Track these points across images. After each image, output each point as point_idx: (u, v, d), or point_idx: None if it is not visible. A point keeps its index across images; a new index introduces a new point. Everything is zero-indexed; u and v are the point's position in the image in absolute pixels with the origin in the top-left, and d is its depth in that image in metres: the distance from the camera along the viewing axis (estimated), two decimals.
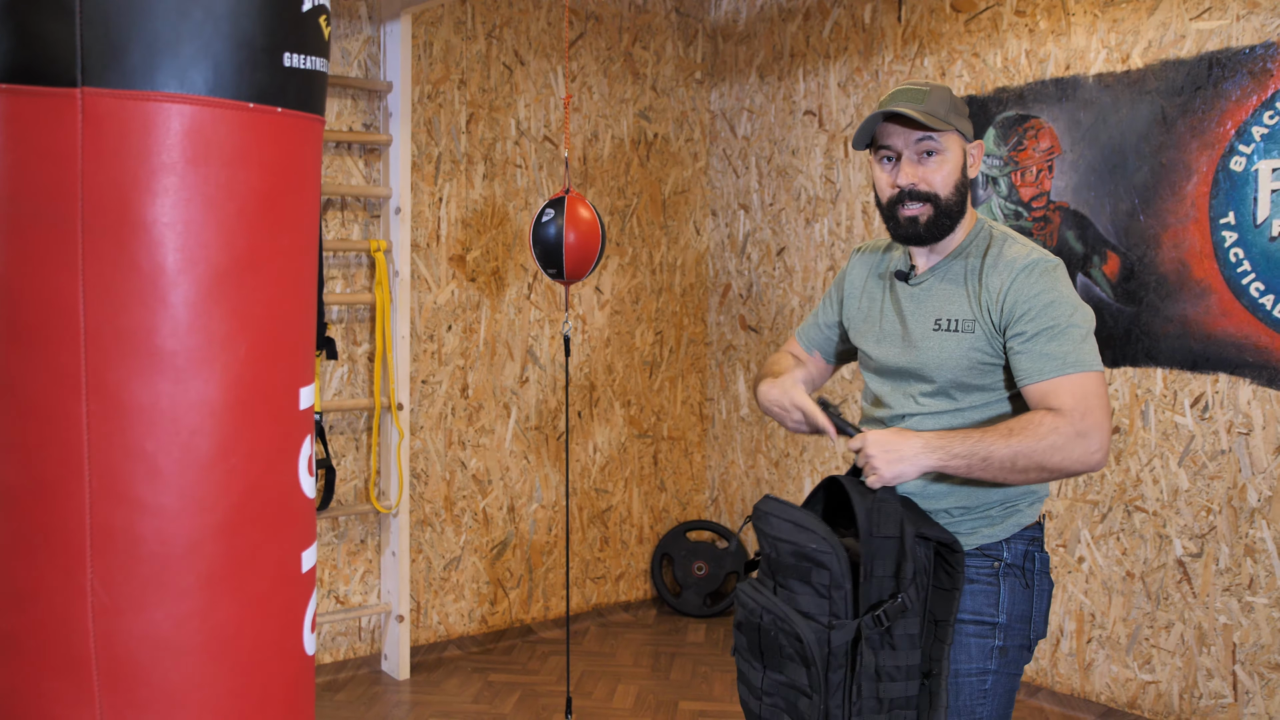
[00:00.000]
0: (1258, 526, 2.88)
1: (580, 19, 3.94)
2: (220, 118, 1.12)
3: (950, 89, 1.71)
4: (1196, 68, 2.95)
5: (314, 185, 1.26)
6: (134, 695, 1.12)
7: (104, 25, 1.06)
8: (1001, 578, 1.64)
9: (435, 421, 3.67)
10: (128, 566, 1.12)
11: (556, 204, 2.81)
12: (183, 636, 1.14)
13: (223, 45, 1.10)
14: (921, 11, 3.59)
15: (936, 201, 1.64)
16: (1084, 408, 1.52)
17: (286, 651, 1.25)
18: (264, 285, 1.18)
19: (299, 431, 1.25)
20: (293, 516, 1.24)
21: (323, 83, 1.24)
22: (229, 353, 1.15)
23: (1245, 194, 2.87)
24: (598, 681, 3.51)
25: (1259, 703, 2.88)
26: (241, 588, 1.18)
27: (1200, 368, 2.97)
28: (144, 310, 1.10)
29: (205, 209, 1.12)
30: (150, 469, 1.11)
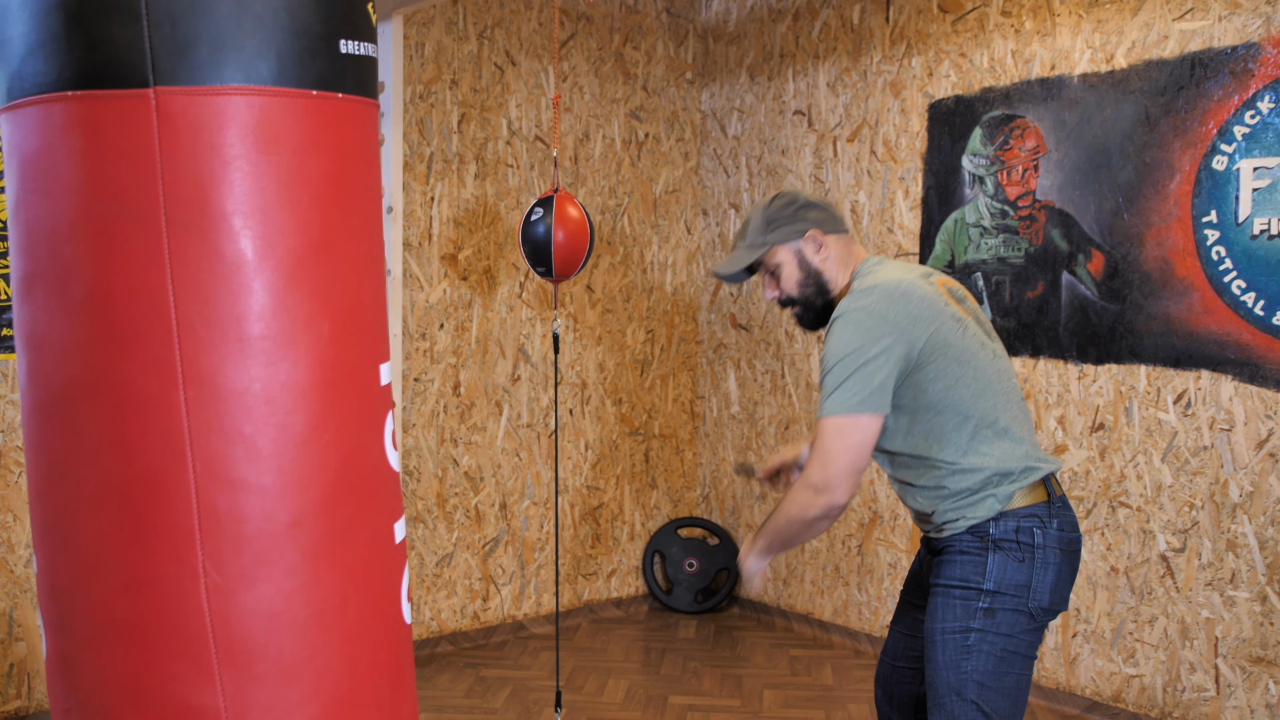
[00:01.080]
0: (1239, 521, 2.91)
1: (571, 19, 3.97)
2: (286, 106, 1.15)
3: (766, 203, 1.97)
4: (1179, 68, 2.98)
5: (375, 166, 1.30)
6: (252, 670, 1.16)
7: (170, 26, 1.10)
8: (990, 550, 1.83)
9: (428, 419, 3.70)
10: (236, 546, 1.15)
11: (545, 203, 2.84)
12: (292, 610, 1.17)
13: (283, 36, 1.14)
14: (909, 12, 3.62)
15: (793, 301, 1.96)
16: (817, 453, 1.78)
17: (388, 620, 1.28)
18: (339, 266, 1.21)
19: (382, 406, 1.28)
20: (384, 489, 1.28)
21: (374, 67, 1.28)
22: (312, 333, 1.18)
23: (1227, 193, 2.90)
24: (588, 676, 3.54)
25: (1240, 696, 2.92)
26: (343, 560, 1.21)
27: (1183, 364, 3.01)
28: (230, 298, 1.14)
29: (279, 196, 1.15)
30: (250, 450, 1.15)
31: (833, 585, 3.93)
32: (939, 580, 1.87)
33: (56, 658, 1.24)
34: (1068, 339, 3.25)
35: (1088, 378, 3.21)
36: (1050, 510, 1.84)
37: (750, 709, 3.28)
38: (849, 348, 1.77)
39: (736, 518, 4.31)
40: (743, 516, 4.28)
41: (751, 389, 4.22)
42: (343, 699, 1.22)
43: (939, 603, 1.85)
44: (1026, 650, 1.82)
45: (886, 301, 1.79)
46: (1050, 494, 1.86)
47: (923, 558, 2.05)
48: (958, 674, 1.80)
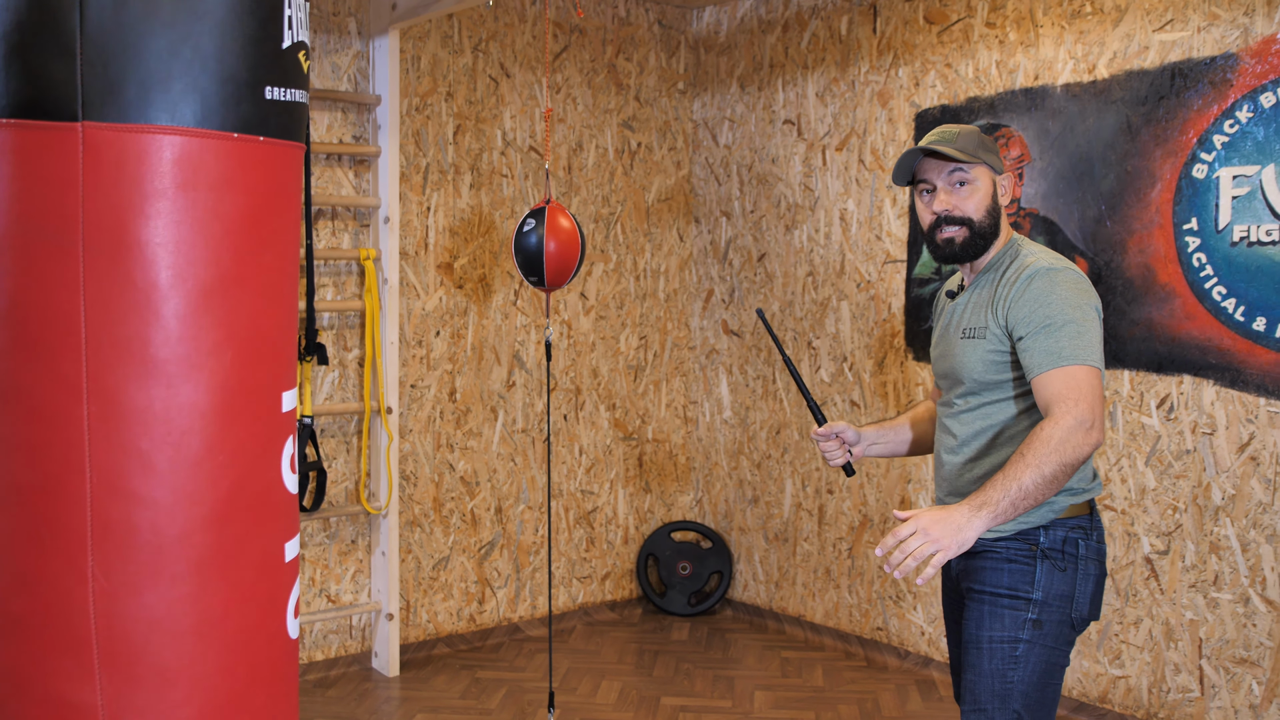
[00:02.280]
0: (1222, 524, 2.96)
1: (564, 32, 4.03)
2: (207, 147, 1.22)
3: (976, 130, 1.95)
4: (1160, 78, 3.04)
5: (295, 205, 1.36)
6: (131, 672, 1.22)
7: (102, 65, 1.17)
8: (1039, 559, 1.84)
9: (424, 425, 3.76)
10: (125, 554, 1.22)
11: (537, 214, 2.89)
12: (175, 618, 1.24)
13: (209, 81, 1.21)
14: (896, 23, 3.68)
15: (970, 224, 1.89)
16: (1075, 396, 1.72)
17: (271, 634, 1.34)
18: (248, 298, 1.28)
19: (282, 432, 1.35)
20: (276, 509, 1.34)
21: (302, 112, 1.34)
22: (216, 360, 1.25)
23: (1207, 200, 2.95)
24: (582, 678, 3.59)
25: (1224, 696, 2.96)
26: (229, 574, 1.28)
27: (1165, 369, 3.06)
28: (139, 322, 1.21)
29: (194, 230, 1.23)
30: (145, 466, 1.22)
31: (824, 588, 3.98)
32: (984, 587, 1.86)
33: None
34: None
35: None
36: (1092, 522, 1.89)
37: (741, 710, 3.33)
38: (1079, 306, 1.78)
39: (729, 521, 4.36)
40: (735, 520, 4.33)
41: (743, 394, 4.27)
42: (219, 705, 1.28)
43: (985, 610, 1.85)
44: (1065, 660, 1.87)
45: (1083, 275, 1.86)
46: (1091, 505, 1.92)
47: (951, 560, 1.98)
48: (1003, 683, 1.81)
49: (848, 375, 3.87)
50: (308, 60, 1.33)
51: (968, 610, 1.90)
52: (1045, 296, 1.79)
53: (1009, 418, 1.89)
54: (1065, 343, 1.75)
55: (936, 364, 2.04)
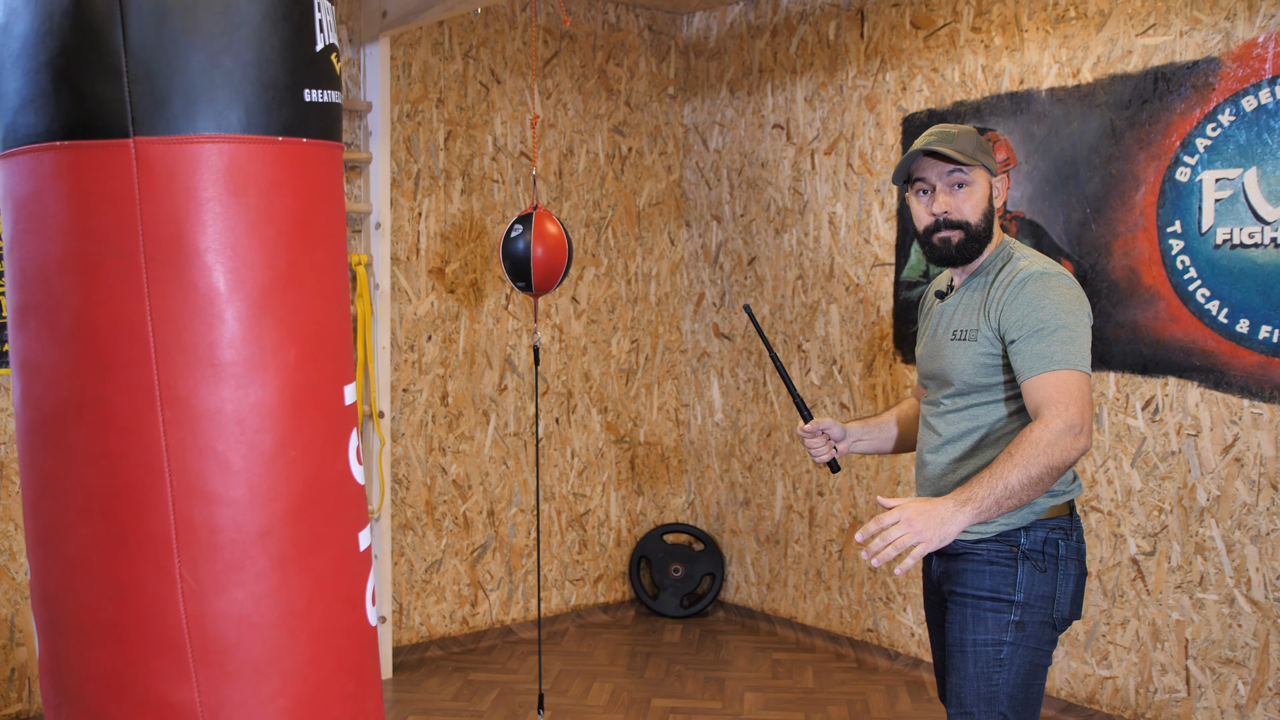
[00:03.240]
0: (1207, 525, 2.98)
1: (555, 38, 4.06)
2: (254, 152, 1.26)
3: (974, 130, 1.95)
4: (1143, 82, 3.06)
5: (339, 204, 1.40)
6: (224, 668, 1.26)
7: (148, 81, 1.21)
8: (1020, 561, 1.84)
9: (416, 429, 3.78)
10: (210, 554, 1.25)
11: (525, 220, 2.92)
12: (262, 613, 1.27)
13: (251, 88, 1.25)
14: (883, 28, 3.70)
15: (967, 228, 1.88)
16: (1066, 400, 1.73)
17: (353, 623, 1.38)
18: (304, 296, 1.32)
19: (346, 424, 1.39)
20: (348, 500, 1.38)
21: (338, 113, 1.38)
22: (280, 358, 1.29)
23: (1190, 204, 2.97)
24: (574, 680, 3.61)
25: (1211, 696, 2.98)
26: (309, 567, 1.31)
27: (1150, 371, 3.08)
28: (204, 327, 1.25)
29: (248, 233, 1.26)
30: (222, 466, 1.25)
31: (815, 590, 4.00)
32: (966, 589, 1.87)
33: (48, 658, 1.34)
34: None
35: None
36: (1072, 522, 1.90)
37: (731, 711, 3.35)
38: (1071, 312, 1.79)
39: (721, 524, 4.38)
40: (727, 523, 4.35)
41: (734, 397, 4.29)
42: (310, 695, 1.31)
43: (968, 614, 1.85)
44: (1048, 660, 1.87)
45: (1075, 282, 1.86)
46: (1071, 505, 1.92)
47: (932, 561, 2.00)
48: (989, 685, 1.82)
49: (837, 378, 3.89)
50: (339, 61, 1.37)
51: (950, 613, 1.90)
52: (1038, 301, 1.79)
53: (997, 420, 1.89)
54: (1057, 347, 1.75)
55: (923, 364, 2.03)
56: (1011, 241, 1.95)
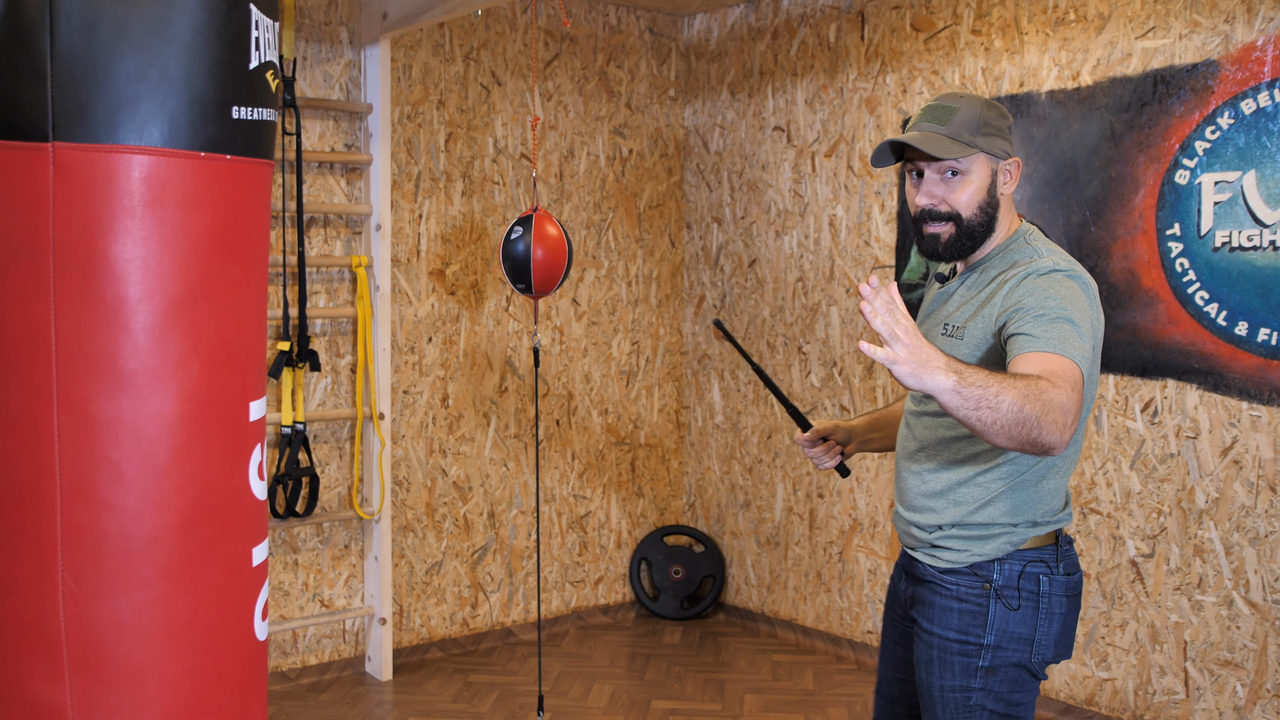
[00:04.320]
0: (1206, 527, 2.98)
1: (555, 40, 4.07)
2: (174, 166, 1.26)
3: (986, 103, 1.65)
4: (1142, 85, 3.06)
5: (263, 221, 1.40)
6: (100, 673, 1.26)
7: (72, 87, 1.20)
8: (992, 599, 1.65)
9: (416, 430, 3.79)
10: (94, 559, 1.25)
11: (525, 222, 2.93)
12: (143, 621, 1.27)
13: (177, 102, 1.25)
14: (883, 31, 3.71)
15: (958, 221, 1.63)
16: (1069, 385, 1.47)
17: (238, 636, 1.38)
18: (216, 312, 1.32)
19: (249, 440, 1.38)
20: (244, 516, 1.38)
21: (271, 130, 1.37)
22: (184, 371, 1.29)
23: (1190, 206, 2.98)
24: (574, 682, 3.61)
25: (1209, 698, 2.98)
26: (197, 578, 1.31)
27: (1150, 374, 3.08)
28: (108, 335, 1.25)
29: (162, 246, 1.26)
30: (114, 474, 1.25)
31: (815, 591, 4.01)
32: (932, 629, 1.69)
33: None
34: None
35: None
36: (1059, 554, 1.69)
37: (731, 713, 3.36)
38: (1081, 310, 1.56)
39: (721, 525, 4.38)
40: (727, 525, 4.35)
41: (735, 399, 4.29)
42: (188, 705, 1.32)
43: (934, 656, 1.68)
44: (1027, 711, 1.69)
45: (1094, 291, 1.65)
46: (1059, 534, 1.71)
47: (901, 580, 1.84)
48: None
49: (837, 380, 3.89)
50: (277, 79, 1.36)
51: (917, 648, 1.73)
52: (1046, 290, 1.56)
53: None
54: (1067, 334, 1.51)
55: None
56: (1032, 232, 1.70)
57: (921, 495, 1.72)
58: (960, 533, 1.68)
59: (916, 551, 1.75)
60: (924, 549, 1.72)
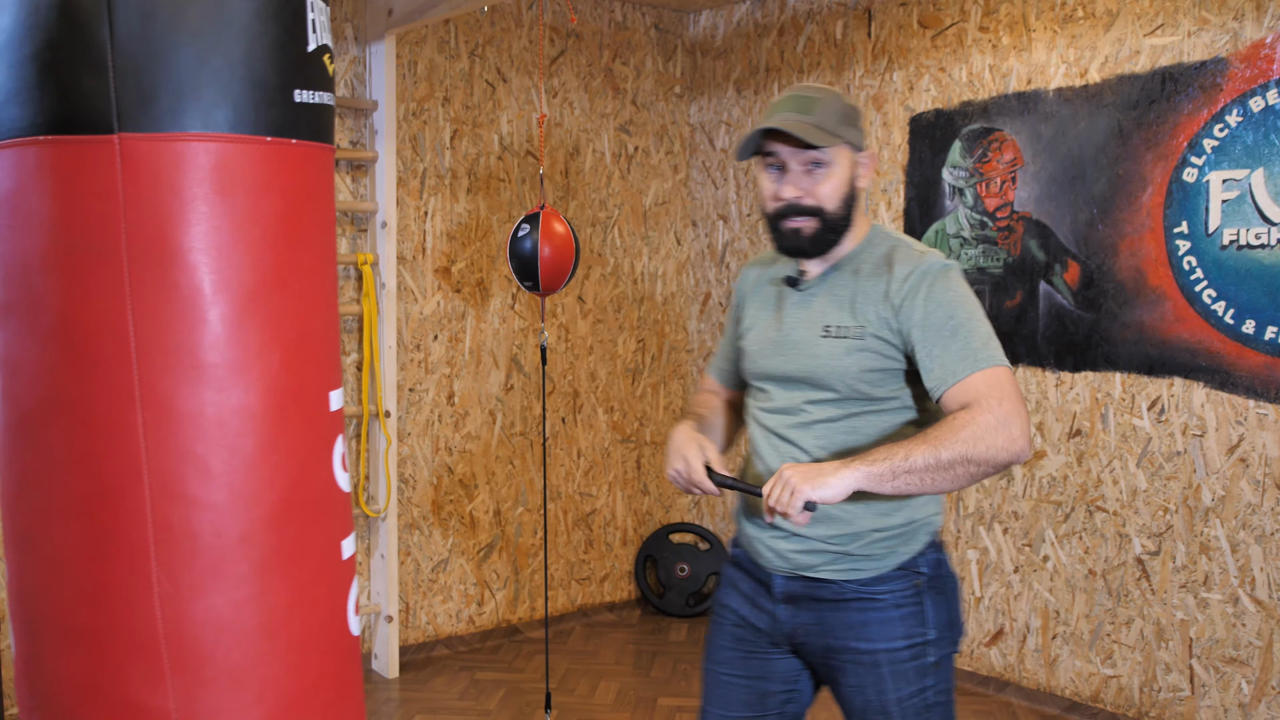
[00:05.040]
0: (1212, 525, 2.98)
1: (561, 36, 4.06)
2: (242, 152, 1.24)
3: (841, 94, 1.65)
4: (1150, 82, 3.06)
5: (329, 206, 1.38)
6: (200, 674, 1.24)
7: (135, 77, 1.19)
8: (923, 594, 1.62)
9: (422, 428, 3.79)
10: (188, 559, 1.23)
11: (532, 219, 2.92)
12: (240, 619, 1.25)
13: (240, 87, 1.23)
14: (890, 28, 3.70)
15: (822, 215, 1.59)
16: (999, 395, 1.50)
17: (333, 631, 1.36)
18: (290, 299, 1.30)
19: (331, 431, 1.36)
20: (331, 508, 1.36)
21: (330, 114, 1.36)
22: (264, 362, 1.26)
23: (1197, 204, 2.98)
24: (580, 679, 3.62)
25: (1214, 695, 2.98)
26: (290, 573, 1.29)
27: (1156, 372, 3.08)
28: (186, 328, 1.23)
29: (234, 235, 1.24)
30: (202, 470, 1.23)
31: None
32: (877, 645, 1.59)
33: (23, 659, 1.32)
34: (1045, 347, 3.32)
35: (1065, 385, 3.28)
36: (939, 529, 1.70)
37: None
38: (978, 306, 1.58)
39: (726, 523, 4.38)
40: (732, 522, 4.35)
41: None
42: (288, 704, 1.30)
43: (885, 674, 1.59)
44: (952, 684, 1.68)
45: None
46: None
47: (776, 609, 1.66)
48: None
49: None
50: (332, 62, 1.36)
51: (853, 675, 1.61)
52: (945, 295, 1.56)
53: (883, 433, 1.60)
54: (977, 344, 1.53)
55: (764, 360, 1.68)
56: (884, 229, 1.69)
57: (824, 509, 1.59)
58: (882, 536, 1.61)
59: (821, 570, 1.62)
60: (834, 565, 1.61)
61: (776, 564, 1.65)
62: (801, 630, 1.64)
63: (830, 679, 1.66)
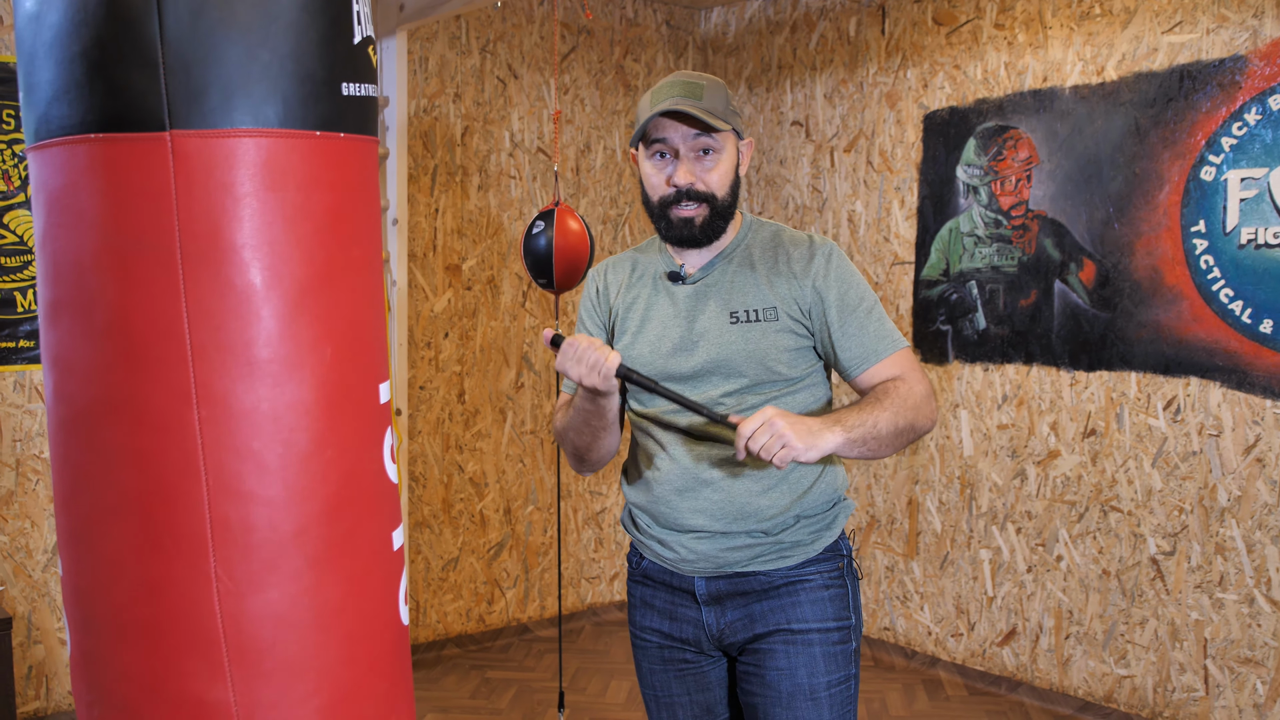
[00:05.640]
0: (1228, 525, 2.97)
1: (572, 33, 4.04)
2: (292, 147, 1.24)
3: (723, 83, 1.65)
4: (1168, 80, 3.04)
5: (375, 200, 1.39)
6: (259, 667, 1.25)
7: (185, 73, 1.18)
8: (846, 577, 1.63)
9: (433, 426, 3.77)
10: (246, 553, 1.24)
11: (546, 216, 2.91)
12: (298, 613, 1.26)
13: (289, 82, 1.23)
14: (904, 25, 3.68)
15: (713, 202, 1.58)
16: (919, 373, 1.60)
17: (386, 622, 1.37)
18: (342, 294, 1.30)
19: (381, 423, 1.37)
20: (382, 499, 1.37)
21: (374, 106, 1.37)
22: (316, 356, 1.27)
23: (1215, 203, 2.96)
24: (591, 678, 3.61)
25: (1229, 696, 2.97)
26: (344, 566, 1.30)
27: (1172, 371, 3.07)
28: (241, 324, 1.23)
29: (286, 230, 1.24)
30: (258, 465, 1.24)
31: None
32: (809, 624, 1.58)
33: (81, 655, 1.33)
34: (1060, 346, 3.31)
35: (1080, 384, 3.27)
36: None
37: None
38: (865, 281, 1.64)
39: None
40: None
41: None
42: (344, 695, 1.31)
43: (817, 654, 1.57)
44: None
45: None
46: None
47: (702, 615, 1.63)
48: None
49: None
50: (376, 54, 1.35)
51: (784, 658, 1.57)
52: (852, 278, 1.60)
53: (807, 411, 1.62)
54: (889, 325, 1.61)
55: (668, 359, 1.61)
56: (754, 217, 1.70)
57: (754, 496, 1.58)
58: (806, 521, 1.61)
59: (748, 565, 1.60)
60: (762, 558, 1.59)
61: (698, 566, 1.61)
62: (729, 629, 1.62)
63: (755, 667, 1.60)
